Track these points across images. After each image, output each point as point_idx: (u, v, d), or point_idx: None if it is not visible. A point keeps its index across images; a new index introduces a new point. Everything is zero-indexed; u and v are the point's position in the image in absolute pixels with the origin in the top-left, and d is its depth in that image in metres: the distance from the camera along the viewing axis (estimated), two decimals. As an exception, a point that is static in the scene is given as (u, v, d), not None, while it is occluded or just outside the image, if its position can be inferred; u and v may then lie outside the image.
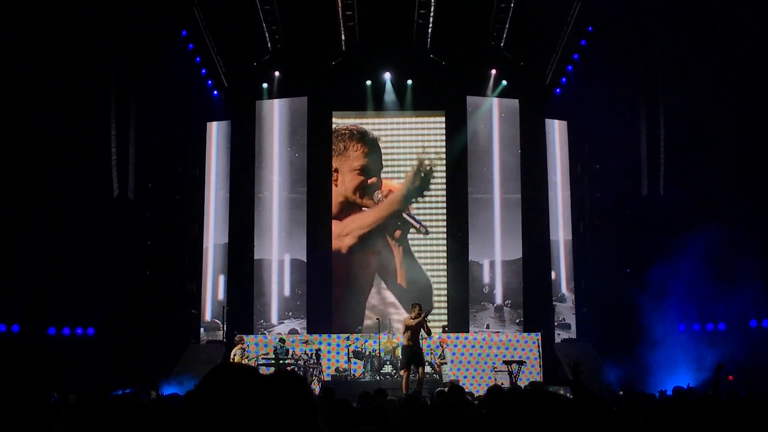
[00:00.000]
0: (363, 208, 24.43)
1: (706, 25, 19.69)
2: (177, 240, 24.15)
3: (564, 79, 24.42)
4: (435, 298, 23.94)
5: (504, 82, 24.67)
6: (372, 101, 24.94)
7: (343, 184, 24.59)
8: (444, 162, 24.83)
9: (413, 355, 16.31)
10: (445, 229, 24.64)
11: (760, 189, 18.78)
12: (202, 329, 23.80)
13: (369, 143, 24.80)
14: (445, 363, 20.49)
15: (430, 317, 16.78)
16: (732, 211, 19.31)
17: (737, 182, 19.46)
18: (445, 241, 24.59)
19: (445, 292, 24.29)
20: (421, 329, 16.28)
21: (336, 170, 24.68)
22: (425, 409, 6.02)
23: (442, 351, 20.70)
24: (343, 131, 24.92)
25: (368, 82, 24.84)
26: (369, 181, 24.45)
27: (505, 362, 18.56)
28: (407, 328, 16.35)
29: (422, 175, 24.45)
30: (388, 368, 20.40)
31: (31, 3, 19.16)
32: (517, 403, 2.73)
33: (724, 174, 19.68)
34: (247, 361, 19.11)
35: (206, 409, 2.58)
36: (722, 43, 18.99)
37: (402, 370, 16.68)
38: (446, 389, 10.54)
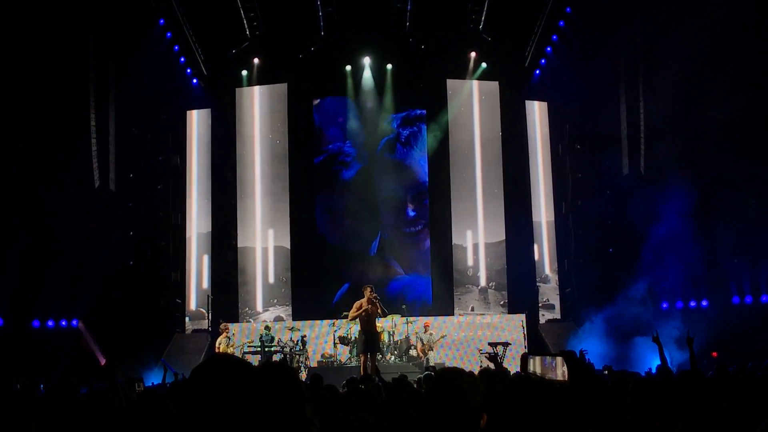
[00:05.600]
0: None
1: (685, 3, 19.75)
2: (160, 229, 24.07)
3: (543, 61, 24.42)
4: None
5: (484, 65, 24.65)
6: (352, 86, 24.91)
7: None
8: (426, 146, 24.86)
9: (368, 340, 15.93)
10: (428, 213, 24.72)
11: (740, 166, 18.82)
12: (187, 318, 23.73)
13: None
14: (432, 349, 20.27)
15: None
16: (714, 188, 19.40)
17: (718, 159, 19.54)
18: (429, 224, 24.66)
19: (430, 275, 24.38)
20: (377, 311, 15.95)
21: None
22: (416, 393, 6.05)
23: (431, 335, 20.43)
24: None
25: (348, 68, 24.79)
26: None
27: (490, 344, 18.55)
28: (362, 311, 15.98)
29: None
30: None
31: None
32: (511, 391, 2.74)
33: (705, 151, 19.76)
34: (232, 350, 19.11)
35: (191, 405, 2.55)
36: (701, 20, 19.02)
37: (360, 355, 16.33)
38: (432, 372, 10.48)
